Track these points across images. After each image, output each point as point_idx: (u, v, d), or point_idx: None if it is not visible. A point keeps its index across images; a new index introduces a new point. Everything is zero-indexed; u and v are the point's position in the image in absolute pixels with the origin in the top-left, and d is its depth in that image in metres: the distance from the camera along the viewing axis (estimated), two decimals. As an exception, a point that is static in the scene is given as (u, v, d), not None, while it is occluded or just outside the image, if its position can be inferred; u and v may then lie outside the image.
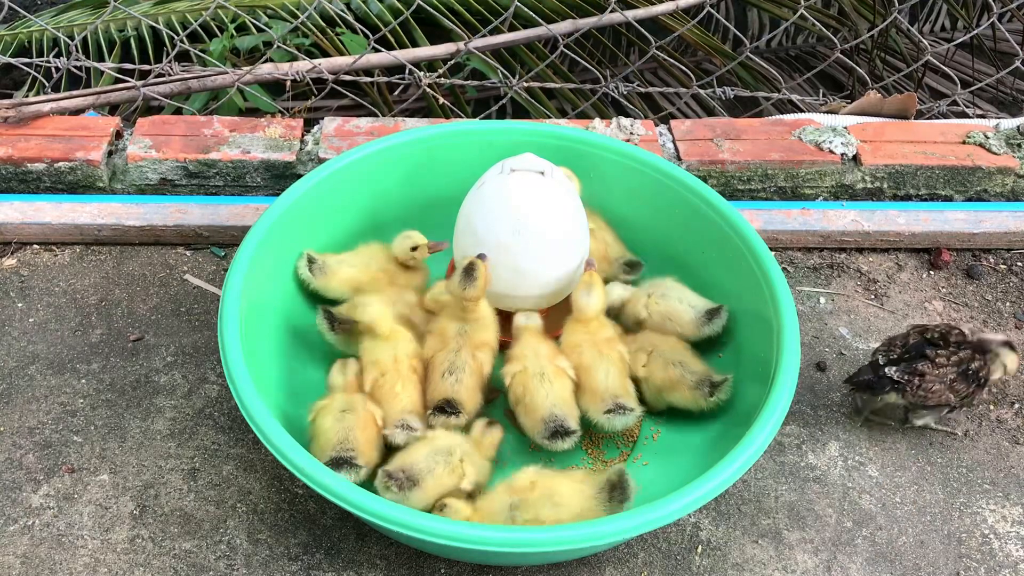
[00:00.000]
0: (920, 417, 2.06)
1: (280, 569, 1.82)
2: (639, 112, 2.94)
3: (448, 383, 1.95)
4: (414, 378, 1.97)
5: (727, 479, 1.67)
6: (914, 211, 2.56)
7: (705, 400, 1.96)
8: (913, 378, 1.98)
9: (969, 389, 2.00)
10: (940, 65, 3.40)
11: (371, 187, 2.27)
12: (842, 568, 1.87)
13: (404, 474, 1.77)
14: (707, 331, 2.09)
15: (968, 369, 1.99)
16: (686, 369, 1.98)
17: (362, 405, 1.90)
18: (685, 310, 2.10)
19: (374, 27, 3.09)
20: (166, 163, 2.48)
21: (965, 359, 1.99)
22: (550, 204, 2.04)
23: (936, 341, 2.01)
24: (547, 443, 1.89)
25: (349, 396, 1.92)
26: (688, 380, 1.97)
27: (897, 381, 1.98)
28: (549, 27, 2.88)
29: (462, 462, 1.82)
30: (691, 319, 2.09)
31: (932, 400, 1.99)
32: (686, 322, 2.09)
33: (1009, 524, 1.97)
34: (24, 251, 2.43)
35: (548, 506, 1.73)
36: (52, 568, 1.81)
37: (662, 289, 2.14)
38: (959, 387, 1.99)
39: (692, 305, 2.11)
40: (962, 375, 1.98)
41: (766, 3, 3.56)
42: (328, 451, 1.81)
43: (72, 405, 2.08)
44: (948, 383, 1.98)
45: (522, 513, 1.74)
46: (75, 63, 2.81)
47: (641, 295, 2.14)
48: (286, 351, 2.07)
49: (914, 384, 1.98)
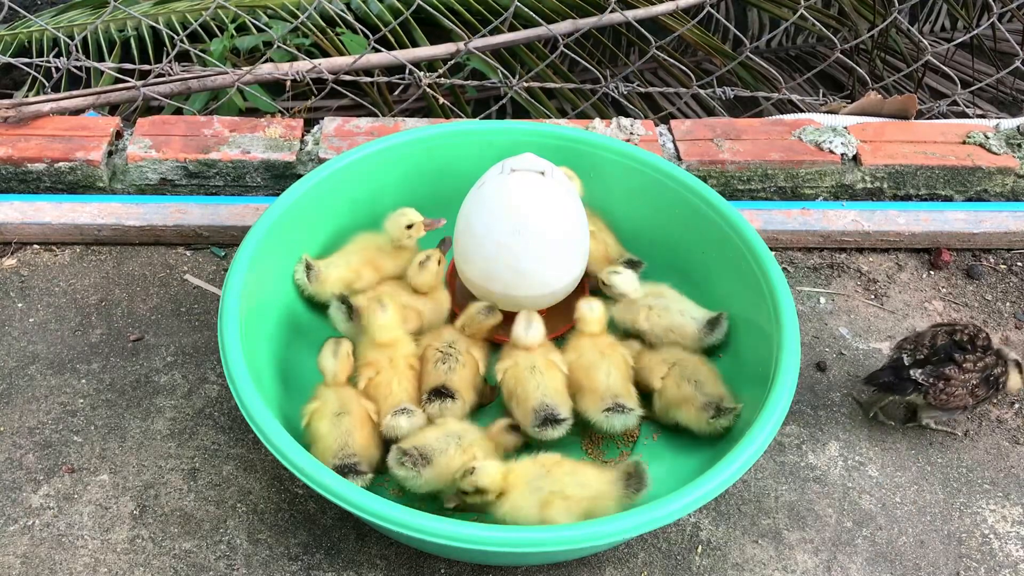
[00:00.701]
0: (930, 415, 2.05)
1: (280, 569, 1.82)
2: (639, 112, 2.94)
3: (441, 371, 1.96)
4: (410, 374, 1.97)
5: (727, 479, 1.67)
6: (914, 211, 2.56)
7: (707, 422, 1.93)
8: (939, 382, 1.95)
9: (987, 393, 1.99)
10: (940, 65, 3.40)
11: (371, 187, 2.27)
12: (842, 568, 1.88)
13: (417, 452, 1.78)
14: (710, 341, 2.08)
15: (991, 375, 1.97)
16: (700, 389, 1.95)
17: (356, 403, 1.90)
18: (687, 322, 2.09)
19: (374, 27, 3.09)
20: (166, 163, 2.48)
21: (990, 365, 1.97)
22: (550, 204, 2.03)
23: (964, 344, 1.98)
24: (538, 432, 1.89)
25: (340, 393, 1.91)
26: (698, 400, 1.94)
27: (921, 383, 1.96)
28: (549, 27, 2.88)
29: (472, 446, 1.83)
30: (693, 331, 2.09)
31: (952, 403, 1.98)
32: (688, 334, 2.09)
33: (1009, 524, 1.97)
34: (24, 251, 2.43)
35: (573, 483, 1.75)
36: (52, 568, 1.81)
37: (663, 302, 2.12)
38: (979, 392, 1.98)
39: (693, 317, 2.10)
40: (984, 380, 1.97)
41: (766, 3, 3.56)
42: (330, 458, 1.81)
43: (72, 405, 2.08)
44: (970, 388, 1.97)
45: (549, 484, 1.75)
46: (75, 63, 2.81)
47: (641, 306, 2.12)
48: (286, 351, 2.07)
49: (938, 388, 1.96)
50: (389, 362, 1.96)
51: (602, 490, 1.75)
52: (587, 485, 1.75)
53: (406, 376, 1.96)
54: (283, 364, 2.04)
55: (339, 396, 1.90)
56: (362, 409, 1.89)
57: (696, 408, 1.94)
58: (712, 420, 1.92)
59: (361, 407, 1.89)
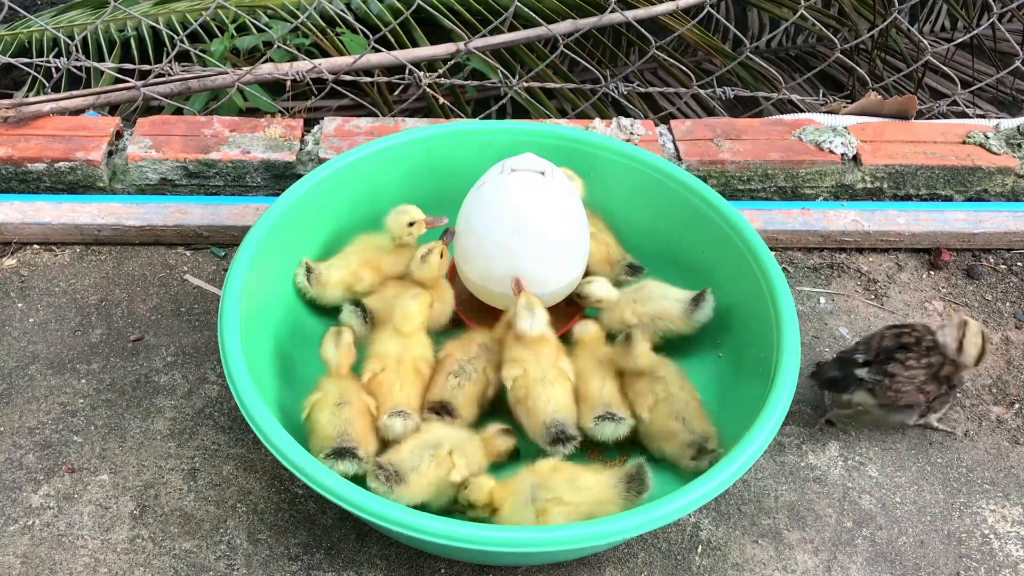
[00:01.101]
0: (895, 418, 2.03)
1: (280, 569, 1.82)
2: (639, 112, 2.94)
3: (450, 384, 1.95)
4: (414, 379, 1.97)
5: (727, 479, 1.67)
6: (914, 211, 2.56)
7: (689, 459, 1.88)
8: (884, 379, 1.96)
9: (940, 391, 1.99)
10: (940, 65, 3.40)
11: (371, 187, 2.27)
12: (842, 568, 1.87)
13: (392, 467, 1.76)
14: (699, 317, 2.08)
15: (938, 374, 1.98)
16: (687, 427, 1.91)
17: (356, 395, 1.90)
18: (672, 305, 2.10)
19: (374, 27, 3.09)
20: (166, 163, 2.48)
21: (935, 364, 1.97)
22: (550, 204, 2.03)
23: (910, 346, 1.99)
24: (550, 448, 1.89)
25: (341, 385, 1.91)
26: (684, 437, 1.90)
27: (865, 380, 1.97)
28: (549, 27, 2.88)
29: (451, 454, 1.81)
30: (680, 312, 2.09)
31: (902, 400, 1.97)
32: (676, 317, 2.09)
33: (1009, 524, 1.97)
34: (24, 251, 2.43)
35: (570, 489, 1.74)
36: (52, 568, 1.81)
37: (645, 292, 2.13)
38: (928, 388, 1.98)
39: (677, 299, 2.10)
40: (933, 378, 1.97)
41: (766, 3, 3.56)
42: (328, 444, 1.81)
43: (72, 405, 2.08)
44: (918, 384, 1.97)
45: (544, 493, 1.74)
46: (75, 63, 2.81)
47: (627, 301, 2.12)
48: (286, 351, 2.07)
49: (884, 384, 1.96)
50: (397, 362, 1.96)
51: (603, 495, 1.75)
52: (584, 489, 1.75)
53: (409, 380, 1.95)
54: (283, 364, 2.04)
55: (340, 387, 1.90)
56: (363, 402, 1.89)
57: (680, 444, 1.90)
58: (693, 460, 1.87)
59: (362, 400, 1.90)
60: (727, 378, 2.07)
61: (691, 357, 2.12)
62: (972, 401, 2.19)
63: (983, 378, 2.24)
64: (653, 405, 1.94)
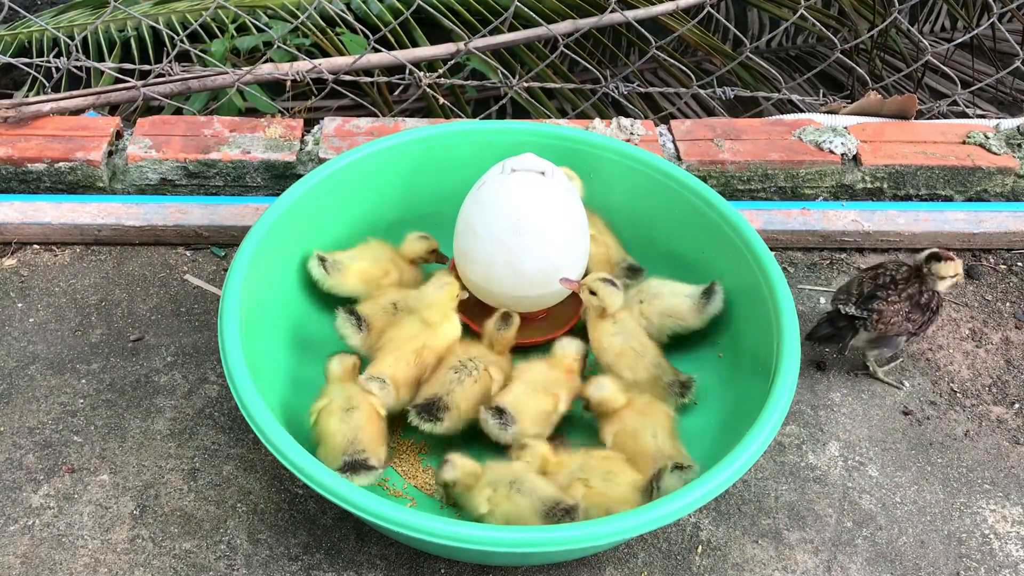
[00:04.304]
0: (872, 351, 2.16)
1: (280, 569, 1.82)
2: (639, 112, 2.94)
3: (449, 379, 1.94)
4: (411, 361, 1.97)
5: (727, 479, 1.67)
6: (914, 211, 2.56)
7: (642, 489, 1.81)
8: (872, 314, 2.08)
9: (926, 317, 2.12)
10: (940, 65, 3.40)
11: (371, 187, 2.27)
12: (842, 568, 1.88)
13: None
14: (710, 311, 2.08)
15: (920, 301, 2.11)
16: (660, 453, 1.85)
17: (363, 398, 1.89)
18: (681, 301, 2.10)
19: (374, 27, 3.09)
20: (166, 163, 2.48)
21: (914, 294, 2.10)
22: (550, 204, 2.03)
23: (888, 285, 2.11)
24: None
25: (347, 389, 1.91)
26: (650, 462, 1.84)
27: (856, 316, 2.07)
28: (549, 27, 2.88)
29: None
30: (690, 307, 2.09)
31: (892, 331, 2.10)
32: (686, 312, 2.09)
33: (1009, 524, 1.97)
34: (24, 251, 2.43)
35: (602, 478, 1.79)
36: (52, 568, 1.81)
37: (651, 291, 2.12)
38: (915, 317, 2.10)
39: (686, 294, 2.10)
40: (916, 306, 2.10)
41: (766, 3, 3.56)
42: (339, 455, 1.81)
43: (72, 405, 2.08)
44: (904, 315, 2.09)
45: (583, 473, 1.80)
46: (75, 63, 2.81)
47: (632, 303, 2.11)
48: (286, 351, 2.07)
49: (873, 318, 2.07)
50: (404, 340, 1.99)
51: (628, 495, 1.78)
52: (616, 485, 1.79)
53: (404, 359, 1.96)
54: (283, 364, 2.04)
55: (346, 392, 1.90)
56: (370, 405, 1.89)
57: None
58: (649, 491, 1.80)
59: (369, 403, 1.89)
60: (727, 378, 2.07)
61: (691, 357, 2.12)
62: (972, 401, 2.19)
63: (983, 378, 2.24)
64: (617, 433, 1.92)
